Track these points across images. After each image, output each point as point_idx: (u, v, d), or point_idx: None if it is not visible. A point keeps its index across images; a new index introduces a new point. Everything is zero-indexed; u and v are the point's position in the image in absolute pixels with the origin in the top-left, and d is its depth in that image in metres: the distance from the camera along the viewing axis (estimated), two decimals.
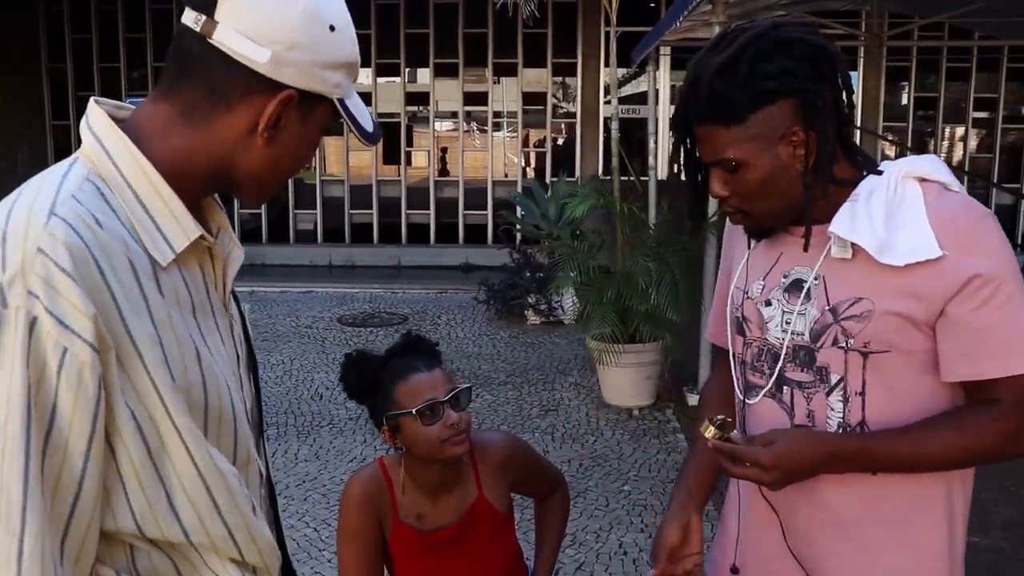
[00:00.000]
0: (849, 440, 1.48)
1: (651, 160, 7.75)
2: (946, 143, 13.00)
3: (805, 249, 1.52)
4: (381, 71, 13.20)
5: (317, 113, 1.21)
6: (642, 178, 8.59)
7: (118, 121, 1.16)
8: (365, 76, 13.35)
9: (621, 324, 5.99)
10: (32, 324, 0.98)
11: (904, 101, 12.91)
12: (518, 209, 10.39)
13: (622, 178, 7.28)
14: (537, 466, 2.15)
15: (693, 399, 6.04)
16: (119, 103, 1.23)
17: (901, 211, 1.45)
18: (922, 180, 1.48)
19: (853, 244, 1.46)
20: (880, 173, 1.50)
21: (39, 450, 0.99)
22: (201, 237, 1.16)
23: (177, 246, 1.13)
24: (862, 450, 1.46)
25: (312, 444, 5.50)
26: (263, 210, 13.37)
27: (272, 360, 7.34)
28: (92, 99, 1.19)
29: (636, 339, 6.02)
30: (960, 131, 12.94)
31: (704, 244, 6.16)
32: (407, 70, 13.36)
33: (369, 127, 1.27)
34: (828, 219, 1.48)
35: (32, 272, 0.98)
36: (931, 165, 1.50)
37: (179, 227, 1.14)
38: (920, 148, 12.41)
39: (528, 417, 6.01)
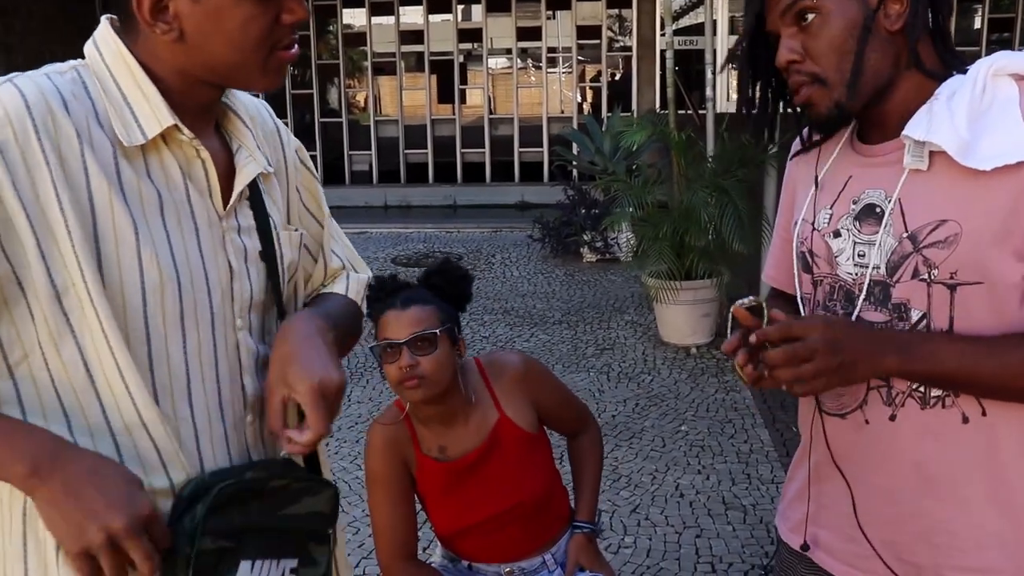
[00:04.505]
0: (906, 333, 1.29)
1: (709, 91, 7.51)
2: None
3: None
4: (433, 8, 13.03)
5: None
6: (700, 111, 8.34)
7: None
8: (417, 14, 13.20)
9: (678, 260, 5.84)
10: None
11: (977, 24, 12.35)
12: (573, 146, 10.22)
13: (680, 112, 7.06)
14: (559, 388, 2.09)
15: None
16: None
17: (990, 113, 1.24)
18: (1019, 78, 1.26)
19: (931, 153, 1.25)
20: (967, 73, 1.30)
21: None
22: (176, 128, 1.18)
23: (149, 131, 1.16)
24: (921, 343, 1.26)
25: (365, 386, 5.48)
26: (319, 152, 13.40)
27: None
28: (105, 16, 1.22)
29: (693, 275, 5.87)
30: None
31: (763, 175, 5.95)
32: (459, 7, 13.16)
33: None
34: (901, 127, 1.28)
35: None
36: None
37: (153, 115, 1.16)
38: None
39: (583, 356, 5.92)
